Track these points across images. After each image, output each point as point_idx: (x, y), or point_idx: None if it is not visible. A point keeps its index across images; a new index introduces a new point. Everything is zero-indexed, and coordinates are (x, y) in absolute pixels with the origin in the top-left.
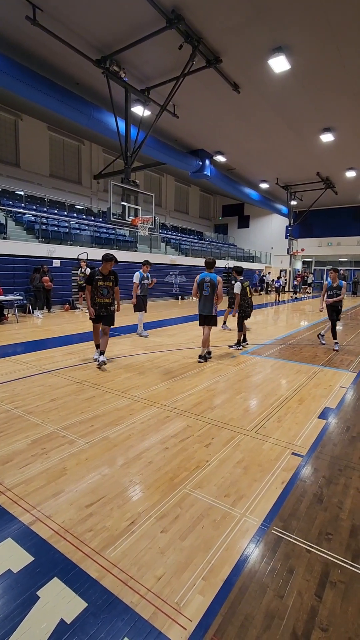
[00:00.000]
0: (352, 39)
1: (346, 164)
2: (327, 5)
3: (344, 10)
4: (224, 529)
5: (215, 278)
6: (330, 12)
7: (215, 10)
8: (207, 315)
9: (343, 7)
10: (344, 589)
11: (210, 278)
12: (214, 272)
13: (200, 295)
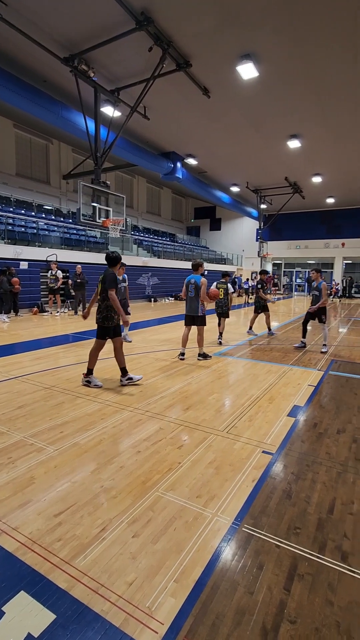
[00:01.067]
0: (317, 49)
1: (312, 169)
2: (294, 15)
3: (311, 20)
4: (195, 530)
5: (199, 280)
6: (297, 23)
7: (185, 14)
8: (193, 316)
9: (309, 18)
10: (311, 580)
11: (195, 280)
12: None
13: (187, 297)
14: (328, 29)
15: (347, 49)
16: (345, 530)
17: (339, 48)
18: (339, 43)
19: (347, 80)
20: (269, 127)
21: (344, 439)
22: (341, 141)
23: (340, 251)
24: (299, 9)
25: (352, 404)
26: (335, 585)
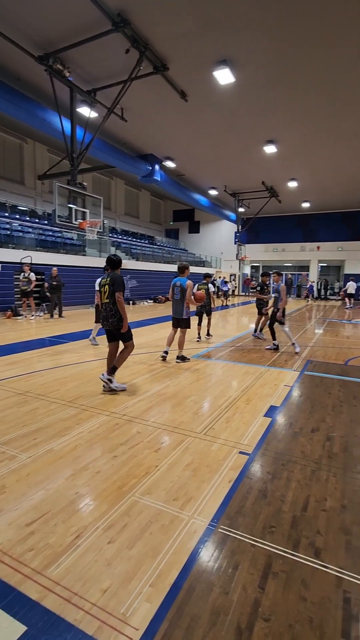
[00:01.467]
0: (292, 59)
1: (288, 174)
2: (270, 24)
3: (287, 30)
4: (172, 533)
5: (184, 282)
6: (273, 31)
7: (161, 18)
8: (177, 318)
9: (286, 27)
10: (285, 578)
11: (180, 283)
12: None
13: (172, 299)
14: (303, 39)
15: (322, 59)
16: (319, 526)
17: (314, 58)
18: (314, 53)
19: (320, 90)
20: (246, 132)
21: (318, 438)
22: (314, 148)
23: (316, 254)
24: (276, 17)
25: (326, 403)
26: (309, 582)
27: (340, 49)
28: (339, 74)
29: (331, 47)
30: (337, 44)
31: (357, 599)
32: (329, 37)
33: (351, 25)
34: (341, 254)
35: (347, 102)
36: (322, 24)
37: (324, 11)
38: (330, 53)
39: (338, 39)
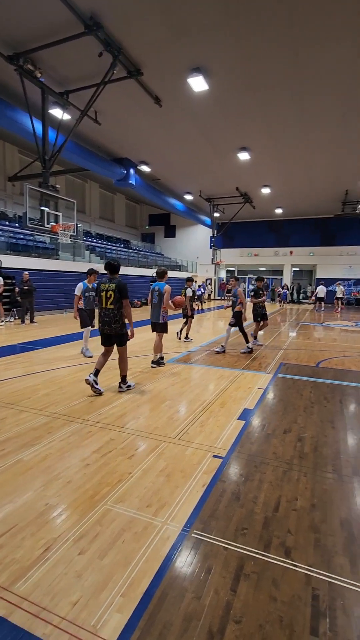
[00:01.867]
0: (262, 69)
1: (262, 181)
2: (242, 34)
3: (257, 42)
4: (145, 541)
5: (162, 287)
6: (245, 42)
7: (135, 23)
8: (155, 322)
9: (256, 39)
10: (256, 579)
11: (159, 287)
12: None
13: (151, 304)
14: (274, 51)
15: (290, 72)
16: (289, 526)
17: (283, 70)
18: (283, 66)
19: (289, 102)
20: (220, 138)
21: (289, 439)
22: (286, 157)
23: (289, 259)
24: (246, 28)
25: (298, 405)
26: (279, 581)
27: (306, 62)
28: (307, 87)
29: (299, 60)
30: (304, 57)
31: (325, 596)
32: (297, 50)
33: (317, 39)
34: (313, 258)
35: (315, 113)
36: (290, 36)
37: (292, 23)
38: (298, 66)
39: (305, 52)
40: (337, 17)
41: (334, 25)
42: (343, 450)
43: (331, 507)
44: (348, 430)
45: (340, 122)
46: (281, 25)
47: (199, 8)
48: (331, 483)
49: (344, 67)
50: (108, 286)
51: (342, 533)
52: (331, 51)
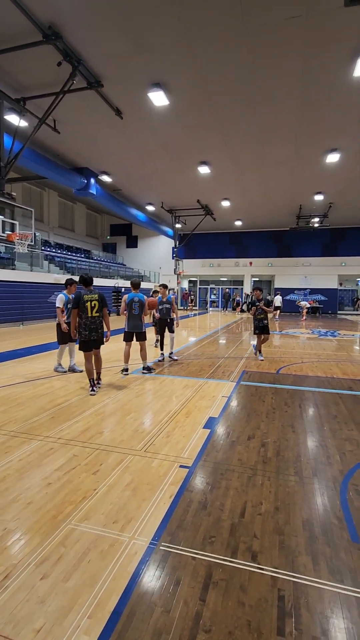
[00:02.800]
0: (219, 88)
1: (221, 194)
2: (200, 54)
3: (214, 62)
4: (111, 558)
5: (143, 298)
6: (201, 61)
7: (95, 36)
8: (137, 332)
9: (213, 60)
10: (224, 586)
11: (139, 298)
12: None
13: (130, 314)
14: (231, 72)
15: (247, 92)
16: (255, 530)
17: (240, 90)
18: (240, 86)
19: (244, 120)
20: (180, 152)
21: (253, 444)
22: (243, 172)
23: (249, 269)
24: (204, 49)
25: (261, 411)
26: (247, 586)
27: (260, 85)
28: (261, 108)
29: (254, 82)
30: (258, 79)
31: (290, 595)
32: (252, 73)
33: (270, 64)
34: (271, 269)
35: (270, 133)
36: (245, 60)
37: (248, 48)
38: (253, 87)
39: (260, 75)
40: (287, 43)
41: (284, 51)
42: (303, 452)
43: (294, 508)
44: (307, 433)
45: (293, 142)
46: (237, 48)
47: (158, 26)
48: (293, 485)
49: (295, 92)
50: (92, 297)
51: (304, 533)
52: (283, 76)
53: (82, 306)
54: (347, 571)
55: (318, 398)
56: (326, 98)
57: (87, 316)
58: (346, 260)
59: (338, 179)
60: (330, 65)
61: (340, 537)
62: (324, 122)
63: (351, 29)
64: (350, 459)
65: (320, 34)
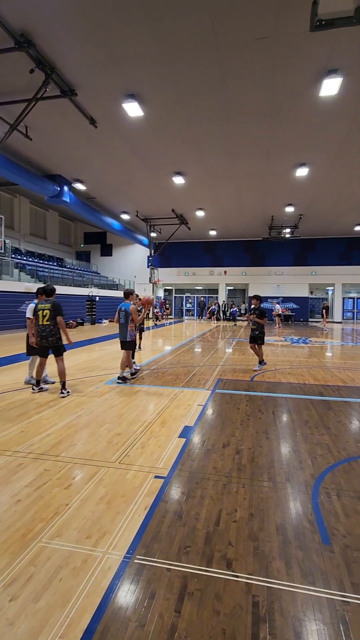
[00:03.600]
0: (193, 102)
1: (196, 204)
2: (174, 67)
3: (188, 76)
4: (84, 575)
5: (128, 307)
6: (177, 76)
7: (68, 46)
8: (123, 341)
9: (187, 74)
10: (199, 596)
11: (125, 307)
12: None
13: (119, 323)
14: (204, 87)
15: (220, 107)
16: (230, 538)
17: (213, 105)
18: (213, 101)
19: (221, 134)
20: (155, 162)
21: (228, 452)
22: (217, 183)
23: (223, 278)
24: (178, 62)
25: (235, 418)
26: (222, 594)
27: (233, 101)
28: (234, 123)
29: (227, 98)
30: (231, 96)
31: (264, 601)
32: (225, 89)
33: (242, 81)
34: (245, 278)
35: (243, 147)
36: (218, 76)
37: (220, 65)
38: (226, 103)
39: (232, 91)
40: (257, 62)
41: (255, 70)
42: (277, 458)
43: (268, 514)
44: (280, 439)
45: (265, 156)
46: (210, 64)
47: (133, 39)
48: (267, 491)
49: (265, 108)
50: (44, 306)
51: (277, 538)
52: (253, 93)
53: (35, 314)
54: (319, 573)
55: (291, 404)
56: (295, 115)
57: (38, 324)
58: (316, 269)
59: (307, 191)
60: (297, 85)
61: (312, 540)
62: (293, 138)
63: (317, 52)
64: (321, 463)
65: (288, 56)
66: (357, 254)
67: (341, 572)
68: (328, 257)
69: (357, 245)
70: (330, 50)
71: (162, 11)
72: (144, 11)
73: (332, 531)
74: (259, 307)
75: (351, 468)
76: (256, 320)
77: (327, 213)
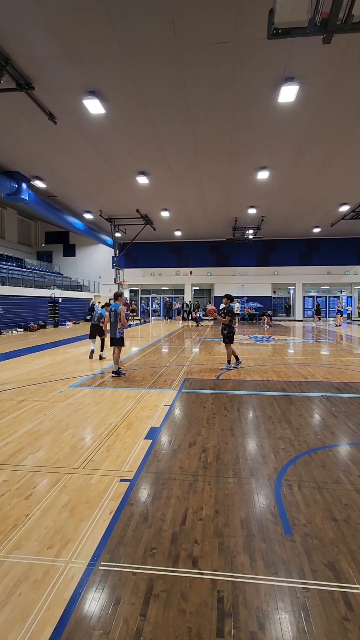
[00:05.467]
0: (155, 102)
1: (160, 205)
2: (134, 67)
3: (149, 77)
4: (45, 587)
5: (117, 308)
6: (138, 75)
7: (23, 37)
8: (113, 338)
9: (148, 74)
10: (165, 597)
11: (114, 308)
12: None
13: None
14: (165, 88)
15: (182, 108)
16: (196, 536)
17: (175, 106)
18: (175, 102)
19: (184, 135)
20: (118, 161)
21: (194, 451)
22: (181, 184)
23: (189, 278)
24: (139, 62)
25: (201, 417)
26: (188, 593)
27: (195, 103)
28: (196, 125)
29: (188, 100)
30: (192, 98)
31: (228, 595)
32: (186, 91)
33: (203, 84)
34: (210, 278)
35: (205, 149)
36: (179, 78)
37: (182, 66)
38: (188, 105)
39: (193, 93)
40: (217, 65)
41: (215, 73)
42: (241, 454)
43: (233, 509)
44: (245, 435)
45: (227, 158)
46: (170, 64)
47: (91, 34)
48: (232, 487)
49: (226, 111)
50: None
51: (242, 532)
52: (214, 95)
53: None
54: (281, 563)
55: (255, 401)
56: (255, 119)
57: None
58: (278, 269)
59: (269, 194)
60: (257, 90)
61: (274, 531)
62: (254, 141)
63: (275, 59)
64: (284, 456)
65: (248, 61)
66: (316, 255)
67: (302, 560)
68: (289, 257)
69: (315, 247)
70: (287, 59)
71: (121, 10)
72: (103, 9)
73: (293, 521)
74: (229, 306)
75: (311, 459)
76: (218, 318)
77: (287, 215)
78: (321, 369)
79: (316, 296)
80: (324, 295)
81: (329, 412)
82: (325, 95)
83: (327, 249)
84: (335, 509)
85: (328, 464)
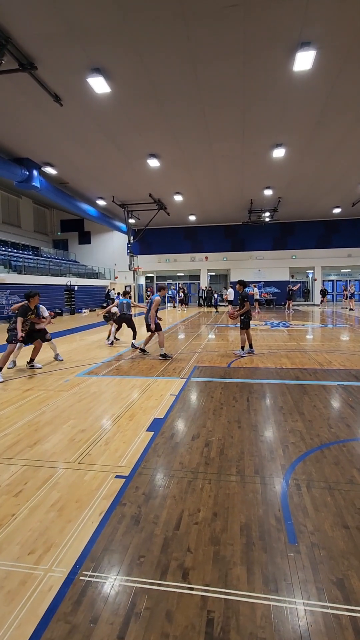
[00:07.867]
0: (162, 80)
1: (173, 188)
2: (140, 42)
3: (156, 52)
4: (19, 600)
5: (153, 298)
6: (144, 51)
7: (24, 14)
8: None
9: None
10: (148, 616)
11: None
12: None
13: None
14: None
15: (191, 85)
16: (189, 543)
17: (184, 83)
18: (183, 78)
19: (194, 114)
20: (127, 144)
21: (197, 445)
22: (193, 165)
23: (205, 264)
24: (145, 37)
25: (208, 408)
26: (173, 612)
27: (204, 79)
28: (207, 102)
29: (197, 76)
30: (202, 73)
31: (219, 617)
32: (195, 66)
33: (212, 58)
34: (226, 263)
35: (217, 128)
36: (187, 52)
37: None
38: (197, 81)
39: (202, 68)
40: (227, 34)
41: (225, 43)
42: (247, 449)
43: (233, 512)
44: (252, 428)
45: (240, 136)
46: (177, 37)
47: (94, 8)
48: (234, 486)
49: (238, 85)
50: None
51: (241, 540)
52: (225, 69)
53: None
54: (282, 578)
55: (266, 390)
56: (268, 92)
57: None
58: (296, 253)
59: (285, 173)
60: (270, 59)
61: (277, 539)
62: (268, 116)
63: (289, 21)
64: (293, 452)
65: (259, 26)
66: (336, 237)
67: (306, 575)
68: (308, 240)
69: (335, 228)
70: (303, 20)
71: None
72: None
73: (299, 528)
74: (243, 291)
75: (323, 456)
76: (240, 312)
77: (305, 196)
78: (339, 355)
79: (336, 280)
80: (344, 279)
81: (345, 403)
82: (346, 61)
83: (348, 230)
84: (348, 513)
85: (341, 461)
